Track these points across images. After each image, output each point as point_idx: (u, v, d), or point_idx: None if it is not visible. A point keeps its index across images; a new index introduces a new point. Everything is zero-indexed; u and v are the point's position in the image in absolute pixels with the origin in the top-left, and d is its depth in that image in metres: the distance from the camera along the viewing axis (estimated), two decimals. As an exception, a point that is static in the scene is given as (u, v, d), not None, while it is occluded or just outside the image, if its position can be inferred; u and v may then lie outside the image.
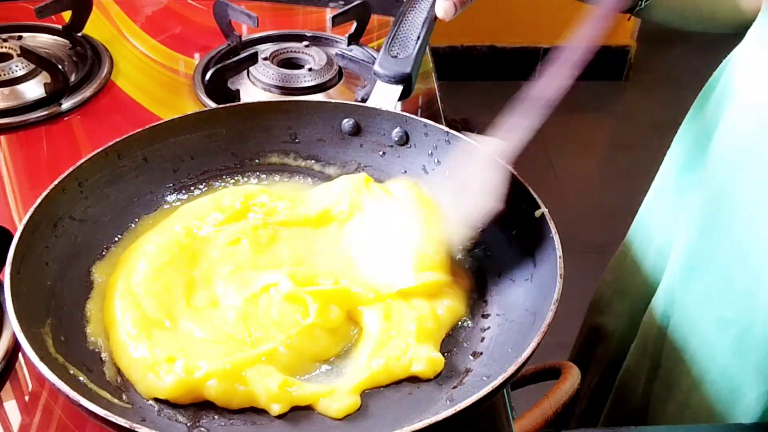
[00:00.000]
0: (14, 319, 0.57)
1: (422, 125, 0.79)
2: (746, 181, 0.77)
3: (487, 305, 0.70)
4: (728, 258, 0.80)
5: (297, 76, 1.01)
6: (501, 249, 0.73)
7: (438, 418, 0.53)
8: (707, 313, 0.83)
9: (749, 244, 0.77)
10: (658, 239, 0.96)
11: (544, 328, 0.59)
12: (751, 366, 0.78)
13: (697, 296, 0.84)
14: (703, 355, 0.83)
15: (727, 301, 0.80)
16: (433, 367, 0.64)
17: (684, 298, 0.86)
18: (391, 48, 0.83)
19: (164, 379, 0.61)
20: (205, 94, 0.98)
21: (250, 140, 0.82)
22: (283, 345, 0.63)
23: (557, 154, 2.54)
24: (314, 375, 0.64)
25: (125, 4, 1.20)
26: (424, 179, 0.80)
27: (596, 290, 1.09)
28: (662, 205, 0.97)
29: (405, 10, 0.85)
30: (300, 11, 1.22)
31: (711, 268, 0.82)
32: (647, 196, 1.01)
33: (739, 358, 0.79)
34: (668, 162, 0.96)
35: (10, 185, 0.85)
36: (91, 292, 0.68)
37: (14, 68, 0.98)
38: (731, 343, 0.80)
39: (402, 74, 0.81)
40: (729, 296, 0.80)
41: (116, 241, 0.73)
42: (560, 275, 0.63)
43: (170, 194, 0.79)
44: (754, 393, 0.78)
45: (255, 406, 0.61)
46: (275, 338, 0.64)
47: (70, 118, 0.96)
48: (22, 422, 0.62)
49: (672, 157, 0.95)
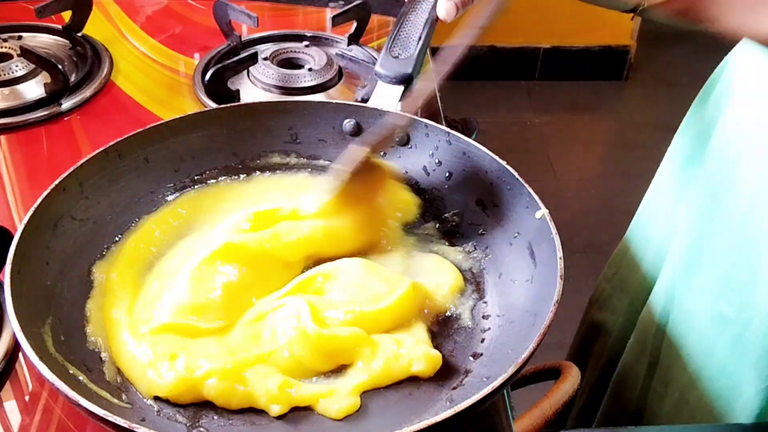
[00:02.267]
0: (14, 319, 0.57)
1: (423, 126, 0.79)
2: (745, 177, 0.77)
3: (487, 306, 0.70)
4: (726, 254, 0.80)
5: (297, 76, 1.01)
6: (501, 250, 0.73)
7: (438, 418, 0.53)
8: (706, 309, 0.83)
9: (747, 240, 0.77)
10: (657, 236, 0.96)
11: (544, 329, 0.59)
12: (749, 363, 0.78)
13: (696, 292, 0.84)
14: (701, 351, 0.83)
15: (725, 298, 0.80)
16: (432, 364, 0.64)
17: (683, 295, 0.86)
18: (392, 48, 0.83)
19: (165, 377, 0.61)
20: (205, 94, 0.98)
21: (250, 140, 0.82)
22: (286, 349, 0.63)
23: (557, 154, 2.54)
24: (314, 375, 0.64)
25: (125, 4, 1.20)
26: (425, 180, 0.80)
27: (596, 287, 1.09)
28: (662, 201, 0.97)
29: (406, 10, 0.85)
30: (300, 11, 1.22)
31: (709, 265, 0.82)
32: (647, 193, 1.01)
33: (737, 355, 0.79)
34: (668, 159, 0.97)
35: (10, 185, 0.85)
36: (91, 291, 0.68)
37: (14, 68, 0.98)
38: (729, 339, 0.80)
39: (403, 75, 0.81)
40: (727, 293, 0.80)
41: (116, 241, 0.73)
42: (560, 276, 0.63)
43: (171, 194, 0.78)
44: (752, 390, 0.78)
45: (254, 406, 0.61)
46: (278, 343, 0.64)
47: (70, 118, 0.96)
48: (22, 422, 0.62)
49: (672, 155, 0.96)
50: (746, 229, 0.77)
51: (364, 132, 0.81)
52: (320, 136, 0.83)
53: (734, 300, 0.79)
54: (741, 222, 0.78)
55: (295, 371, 0.63)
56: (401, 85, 0.81)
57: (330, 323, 0.65)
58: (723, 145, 0.81)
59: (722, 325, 0.80)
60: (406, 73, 0.81)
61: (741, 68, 0.81)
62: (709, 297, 0.82)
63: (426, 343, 0.66)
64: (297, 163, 0.83)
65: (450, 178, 0.78)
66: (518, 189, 0.72)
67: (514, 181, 0.72)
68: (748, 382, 0.79)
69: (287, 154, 0.83)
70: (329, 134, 0.83)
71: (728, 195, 0.79)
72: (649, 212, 1.00)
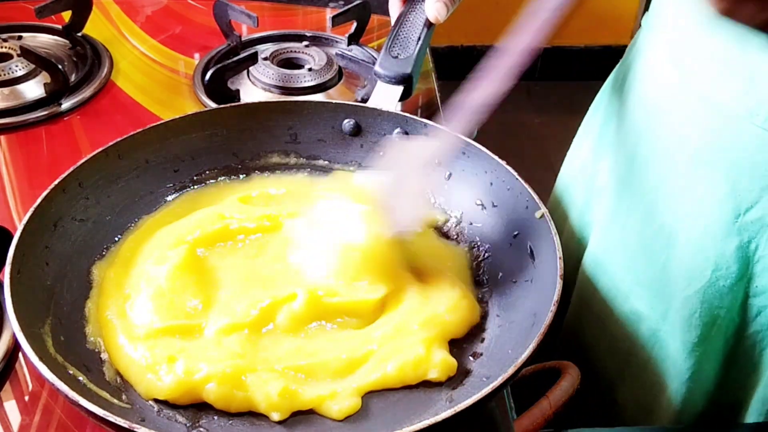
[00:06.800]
0: (14, 319, 0.57)
1: (423, 126, 0.79)
2: (655, 144, 0.77)
3: (487, 306, 0.70)
4: (641, 218, 0.79)
5: (297, 76, 1.01)
6: (501, 250, 0.73)
7: (438, 418, 0.53)
8: (627, 275, 0.82)
9: (659, 203, 0.76)
10: (578, 204, 0.95)
11: (543, 329, 0.59)
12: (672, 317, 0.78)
13: (618, 247, 0.83)
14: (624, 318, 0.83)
15: (641, 265, 0.80)
16: (448, 371, 0.63)
17: (606, 261, 0.85)
18: (391, 48, 0.83)
19: (164, 380, 0.60)
20: (205, 94, 0.98)
21: (250, 140, 0.82)
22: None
23: (557, 154, 2.53)
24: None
25: (125, 4, 1.20)
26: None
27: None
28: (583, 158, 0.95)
29: (406, 10, 0.85)
30: (300, 11, 1.22)
31: (626, 231, 0.81)
32: (564, 163, 1.00)
33: (659, 314, 0.79)
34: (584, 128, 0.95)
35: (10, 185, 0.85)
36: (90, 291, 0.68)
37: (14, 68, 0.98)
38: (648, 302, 0.80)
39: (403, 75, 0.81)
40: (644, 264, 0.79)
41: (116, 241, 0.73)
42: (560, 276, 0.63)
43: (171, 194, 0.78)
44: (679, 344, 0.78)
45: (254, 410, 0.61)
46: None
47: (70, 118, 0.96)
48: (22, 422, 0.62)
49: (588, 125, 0.95)
50: (658, 192, 0.76)
51: (363, 132, 0.81)
52: (320, 136, 0.83)
53: (650, 271, 0.78)
54: (653, 185, 0.77)
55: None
56: (401, 85, 0.81)
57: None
58: (636, 114, 0.80)
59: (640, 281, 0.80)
60: (406, 73, 0.81)
61: (648, 43, 0.81)
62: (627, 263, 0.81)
63: (443, 345, 0.65)
64: (297, 163, 0.83)
65: (450, 178, 0.78)
66: (518, 189, 0.72)
67: (514, 181, 0.72)
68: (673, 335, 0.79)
69: (287, 154, 0.83)
70: (329, 134, 0.83)
71: (641, 157, 0.78)
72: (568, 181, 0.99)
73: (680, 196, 0.73)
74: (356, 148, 0.83)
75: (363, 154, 0.82)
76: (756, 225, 0.69)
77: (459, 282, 0.70)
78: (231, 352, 0.62)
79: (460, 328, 0.67)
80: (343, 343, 0.65)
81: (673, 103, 0.74)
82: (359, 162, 0.83)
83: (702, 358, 0.77)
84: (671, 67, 0.74)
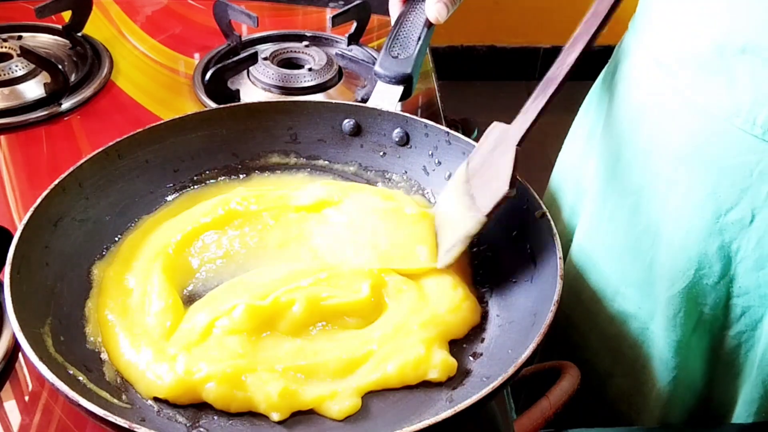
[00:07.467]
0: (14, 319, 0.57)
1: (423, 126, 0.79)
2: (639, 144, 0.77)
3: (487, 306, 0.70)
4: (627, 219, 0.79)
5: (297, 76, 1.01)
6: (501, 250, 0.73)
7: (438, 418, 0.53)
8: (614, 274, 0.82)
9: (643, 204, 0.76)
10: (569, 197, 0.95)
11: (544, 329, 0.59)
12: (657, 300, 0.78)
13: (604, 247, 0.83)
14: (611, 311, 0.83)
15: (628, 264, 0.80)
16: (448, 371, 0.64)
17: (594, 260, 0.85)
18: (391, 48, 0.83)
19: (164, 378, 0.61)
20: (205, 94, 0.98)
21: (250, 140, 0.82)
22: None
23: (556, 153, 2.53)
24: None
25: (125, 4, 1.20)
26: (424, 180, 0.80)
27: None
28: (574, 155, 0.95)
29: (406, 10, 0.85)
30: (300, 11, 1.22)
31: (612, 231, 0.81)
32: (559, 157, 1.01)
33: (647, 313, 0.79)
34: (575, 127, 0.96)
35: (10, 185, 0.85)
36: (90, 291, 0.68)
37: (14, 68, 0.98)
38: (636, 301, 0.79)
39: (403, 75, 0.81)
40: (631, 263, 0.79)
41: (116, 241, 0.73)
42: (560, 276, 0.63)
43: (171, 194, 0.79)
44: (662, 323, 0.77)
45: (254, 410, 0.61)
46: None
47: (70, 118, 0.96)
48: (22, 422, 0.62)
49: (579, 125, 0.95)
50: (643, 178, 0.76)
51: (363, 132, 0.81)
52: (320, 136, 0.83)
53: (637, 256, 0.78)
54: (639, 174, 0.77)
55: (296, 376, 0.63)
56: (401, 85, 0.81)
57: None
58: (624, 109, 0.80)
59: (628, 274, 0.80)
60: (406, 73, 0.81)
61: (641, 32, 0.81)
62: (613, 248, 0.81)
63: (443, 345, 0.65)
64: (296, 163, 0.83)
65: (450, 178, 0.78)
66: (518, 189, 0.72)
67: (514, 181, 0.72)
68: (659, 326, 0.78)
69: (287, 154, 0.83)
70: (329, 134, 0.83)
71: (627, 149, 0.78)
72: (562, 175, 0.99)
73: (664, 196, 0.74)
74: (356, 148, 0.83)
75: (363, 154, 0.82)
76: (736, 226, 0.69)
77: (461, 282, 0.70)
78: (231, 351, 0.62)
79: (461, 328, 0.67)
80: (343, 343, 0.65)
81: (656, 103, 0.74)
82: (359, 162, 0.83)
83: (688, 356, 0.77)
84: (655, 68, 0.74)
